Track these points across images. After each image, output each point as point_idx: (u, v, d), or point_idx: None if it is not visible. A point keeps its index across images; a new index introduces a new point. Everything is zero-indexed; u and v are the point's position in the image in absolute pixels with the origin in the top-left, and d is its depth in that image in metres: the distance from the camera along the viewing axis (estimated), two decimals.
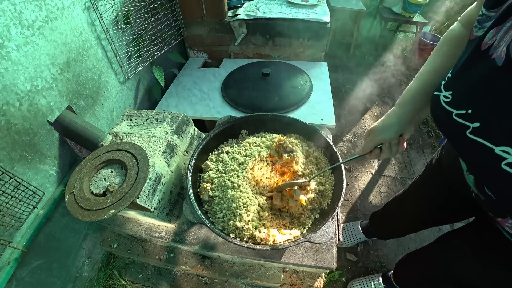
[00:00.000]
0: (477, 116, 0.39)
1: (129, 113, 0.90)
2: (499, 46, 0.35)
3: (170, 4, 1.37)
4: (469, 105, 0.40)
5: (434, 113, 0.48)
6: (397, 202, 1.03)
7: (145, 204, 0.69)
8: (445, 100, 0.44)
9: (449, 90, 0.44)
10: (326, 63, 1.61)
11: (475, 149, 0.39)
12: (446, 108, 0.43)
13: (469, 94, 0.40)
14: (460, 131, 0.41)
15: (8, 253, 0.77)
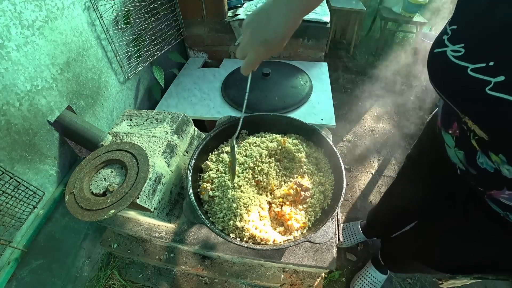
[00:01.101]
0: (501, 68, 0.33)
1: (129, 113, 0.90)
2: None
3: (170, 4, 1.37)
4: (490, 56, 0.34)
5: (438, 73, 0.42)
6: (385, 196, 1.07)
7: (145, 204, 0.69)
8: (454, 54, 0.38)
9: (459, 43, 0.37)
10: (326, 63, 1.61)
11: (497, 106, 0.34)
12: (457, 64, 0.37)
13: (489, 43, 0.34)
14: (477, 88, 0.35)
15: (8, 253, 0.77)
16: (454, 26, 0.39)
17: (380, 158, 1.74)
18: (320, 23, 1.50)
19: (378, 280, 1.15)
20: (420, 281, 1.22)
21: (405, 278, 1.23)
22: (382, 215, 1.13)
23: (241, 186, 0.74)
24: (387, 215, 1.07)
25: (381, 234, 1.23)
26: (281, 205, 0.75)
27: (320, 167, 0.83)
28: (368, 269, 1.18)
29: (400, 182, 0.93)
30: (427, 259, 0.76)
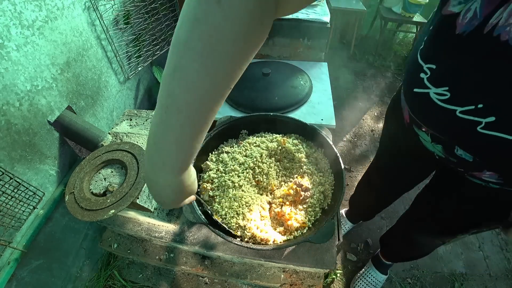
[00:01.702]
0: (490, 110, 0.34)
1: (129, 113, 0.90)
2: (508, 24, 0.29)
3: (170, 4, 1.37)
4: (479, 100, 0.34)
5: (424, 113, 0.42)
6: (364, 179, 1.09)
7: (145, 204, 0.69)
8: (440, 98, 0.38)
9: (442, 86, 0.37)
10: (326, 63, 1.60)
11: (488, 141, 0.36)
12: (444, 107, 0.38)
13: (476, 87, 0.34)
14: (468, 128, 0.36)
15: (8, 253, 0.77)
16: (433, 66, 0.38)
17: None
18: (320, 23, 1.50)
19: (378, 281, 1.15)
20: (420, 281, 1.22)
21: (405, 278, 1.23)
22: (364, 199, 1.16)
23: (242, 185, 0.74)
24: (368, 199, 1.11)
25: (366, 217, 1.28)
26: (281, 205, 0.75)
27: (320, 167, 0.83)
28: (369, 269, 1.18)
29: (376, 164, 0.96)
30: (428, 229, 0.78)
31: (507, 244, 1.34)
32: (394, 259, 1.11)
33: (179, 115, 0.28)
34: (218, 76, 0.27)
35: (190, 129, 0.30)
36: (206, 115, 0.29)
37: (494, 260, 1.29)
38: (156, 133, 0.31)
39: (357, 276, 1.20)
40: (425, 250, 0.94)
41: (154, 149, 0.33)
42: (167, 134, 0.30)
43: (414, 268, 1.26)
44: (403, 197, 1.04)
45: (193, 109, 0.28)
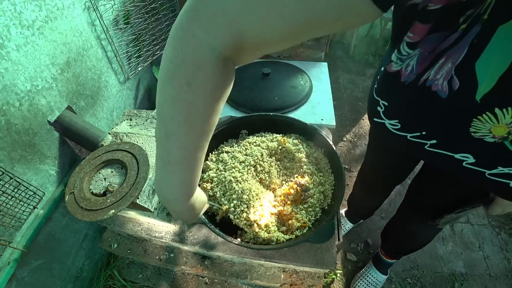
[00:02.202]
0: (432, 135, 0.44)
1: (129, 113, 0.90)
2: (436, 79, 0.37)
3: (170, 4, 1.37)
4: (422, 129, 0.44)
5: (384, 139, 0.52)
6: (359, 178, 1.13)
7: (145, 204, 0.69)
8: (393, 127, 0.48)
9: (394, 119, 0.47)
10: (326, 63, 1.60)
11: (435, 156, 0.46)
12: (398, 134, 0.47)
13: (418, 120, 0.44)
14: (418, 147, 0.46)
15: (8, 253, 0.77)
16: (385, 102, 0.47)
17: None
18: None
19: (379, 281, 1.15)
20: (420, 281, 1.22)
21: (405, 278, 1.23)
22: (359, 197, 1.19)
23: (246, 180, 0.74)
24: (363, 195, 1.14)
25: (364, 215, 1.31)
26: (283, 204, 0.75)
27: (320, 167, 0.83)
28: (369, 269, 1.18)
29: (368, 160, 1.00)
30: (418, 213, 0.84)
31: (507, 244, 1.34)
32: (394, 253, 1.11)
33: (180, 166, 0.37)
34: (201, 130, 0.35)
35: (190, 175, 0.39)
36: (199, 159, 0.38)
37: (494, 260, 1.29)
38: (165, 179, 0.39)
39: (357, 276, 1.20)
40: (423, 240, 0.96)
41: (165, 189, 0.40)
42: (174, 179, 0.38)
43: (414, 268, 1.26)
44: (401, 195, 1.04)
45: (189, 159, 0.37)
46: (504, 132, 0.36)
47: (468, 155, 0.42)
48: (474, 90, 0.34)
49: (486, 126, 0.37)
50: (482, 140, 0.38)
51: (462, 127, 0.39)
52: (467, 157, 0.42)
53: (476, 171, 0.43)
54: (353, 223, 1.34)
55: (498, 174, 0.42)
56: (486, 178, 0.43)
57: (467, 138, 0.39)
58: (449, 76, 0.36)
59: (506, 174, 0.41)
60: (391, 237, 1.10)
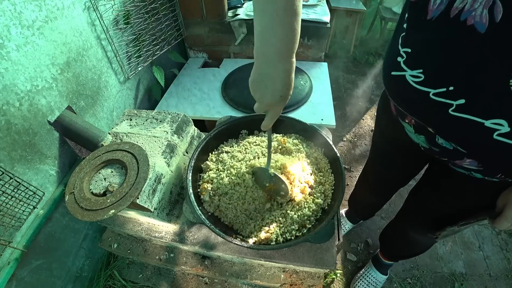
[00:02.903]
0: (461, 92, 0.36)
1: (129, 113, 0.90)
2: (473, 9, 0.31)
3: (170, 4, 1.37)
4: (450, 82, 0.36)
5: (401, 96, 0.44)
6: (361, 178, 1.11)
7: (145, 204, 0.69)
8: (415, 80, 0.39)
9: (417, 68, 0.39)
10: (326, 63, 1.61)
11: (459, 126, 0.38)
12: (419, 89, 0.39)
13: (447, 69, 0.36)
14: (441, 110, 0.38)
15: (8, 253, 0.77)
16: (408, 49, 0.40)
17: None
18: (320, 23, 1.50)
19: (379, 281, 1.15)
20: (420, 281, 1.22)
21: (405, 278, 1.23)
22: (361, 197, 1.17)
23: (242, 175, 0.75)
24: (365, 196, 1.12)
25: (365, 216, 1.30)
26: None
27: (320, 167, 0.83)
28: (369, 269, 1.18)
29: (371, 161, 0.98)
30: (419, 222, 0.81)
31: (507, 244, 1.34)
32: (393, 257, 1.11)
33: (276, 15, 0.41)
34: None
35: (287, 18, 0.41)
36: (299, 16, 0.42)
37: (494, 260, 1.29)
38: (263, 33, 0.43)
39: (357, 276, 1.20)
40: (422, 247, 0.95)
41: (265, 45, 0.44)
42: (273, 29, 0.42)
43: (414, 268, 1.26)
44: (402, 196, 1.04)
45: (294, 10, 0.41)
46: None
47: (502, 121, 0.34)
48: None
49: None
50: None
51: (501, 78, 0.32)
52: (500, 124, 0.34)
53: (509, 147, 0.35)
54: (353, 223, 1.34)
55: None
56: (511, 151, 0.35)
57: (506, 94, 0.32)
58: (490, 1, 0.29)
59: None
60: (389, 242, 1.09)
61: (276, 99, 0.49)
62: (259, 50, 0.45)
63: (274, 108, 0.52)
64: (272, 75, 0.46)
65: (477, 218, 0.60)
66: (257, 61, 0.46)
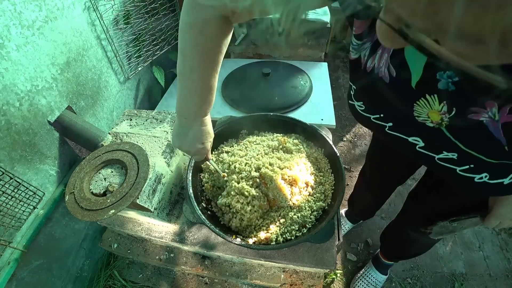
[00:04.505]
0: (388, 118, 0.49)
1: (129, 113, 0.90)
2: (380, 67, 0.43)
3: (170, 4, 1.37)
4: (379, 111, 0.50)
5: (356, 117, 0.57)
6: (360, 178, 1.13)
7: (145, 204, 0.69)
8: (360, 108, 0.54)
9: (360, 101, 0.53)
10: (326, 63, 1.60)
11: (395, 139, 0.51)
12: (364, 115, 0.54)
13: (376, 103, 0.50)
14: (380, 129, 0.52)
15: (8, 253, 0.77)
16: (355, 86, 0.53)
17: None
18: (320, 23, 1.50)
19: (379, 281, 1.15)
20: (420, 281, 1.22)
21: (405, 278, 1.23)
22: (361, 196, 1.19)
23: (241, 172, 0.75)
24: (365, 195, 1.14)
25: (365, 215, 1.32)
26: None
27: (320, 167, 0.83)
28: (369, 269, 1.18)
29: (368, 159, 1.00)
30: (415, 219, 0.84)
31: (507, 244, 1.34)
32: (393, 257, 1.11)
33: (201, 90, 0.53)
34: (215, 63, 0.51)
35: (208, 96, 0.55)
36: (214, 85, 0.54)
37: (494, 260, 1.29)
38: (183, 100, 0.55)
39: (357, 276, 1.20)
40: (422, 248, 0.95)
41: (184, 107, 0.57)
42: (195, 99, 0.55)
43: (414, 268, 1.26)
44: (402, 196, 1.04)
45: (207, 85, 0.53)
46: (438, 118, 0.40)
47: (418, 138, 0.47)
48: (409, 77, 0.39)
49: (424, 110, 0.41)
50: (425, 124, 0.43)
51: (408, 111, 0.43)
52: (417, 140, 0.47)
53: (427, 156, 0.48)
54: (353, 223, 1.34)
55: (444, 159, 0.46)
56: (436, 163, 0.47)
57: (413, 121, 0.44)
58: (387, 64, 0.41)
59: (451, 159, 0.45)
60: (389, 242, 1.10)
61: (194, 149, 0.62)
62: (179, 110, 0.58)
63: (197, 154, 0.65)
64: (188, 130, 0.59)
65: (468, 216, 0.64)
66: (178, 119, 0.59)
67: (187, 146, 0.62)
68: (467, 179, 0.46)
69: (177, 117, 0.59)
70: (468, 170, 0.45)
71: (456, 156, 0.44)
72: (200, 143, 0.61)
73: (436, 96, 0.38)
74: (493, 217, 0.57)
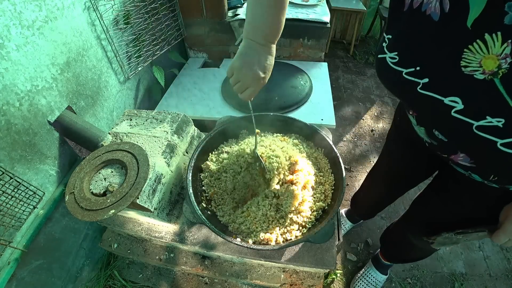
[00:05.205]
0: (425, 72, 0.42)
1: (129, 113, 0.90)
2: (430, 2, 0.37)
3: (170, 4, 1.37)
4: (417, 63, 0.42)
5: (382, 75, 0.50)
6: (370, 177, 1.11)
7: (145, 204, 0.69)
8: (392, 61, 0.46)
9: (394, 51, 0.46)
10: (326, 63, 1.60)
11: (426, 102, 0.43)
12: (395, 69, 0.46)
13: (414, 52, 0.43)
14: (411, 88, 0.44)
15: (8, 253, 0.77)
16: (390, 36, 0.47)
17: None
18: (320, 23, 1.50)
19: (379, 281, 1.15)
20: (420, 281, 1.22)
21: (405, 278, 1.23)
22: (369, 195, 1.17)
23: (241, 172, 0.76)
24: (373, 194, 1.12)
25: (367, 215, 1.30)
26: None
27: (320, 167, 0.83)
28: (369, 269, 1.18)
29: (383, 158, 0.98)
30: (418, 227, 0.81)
31: None
32: (393, 259, 1.11)
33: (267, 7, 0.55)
34: None
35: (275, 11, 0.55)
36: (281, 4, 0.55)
37: (494, 260, 1.29)
38: (254, 21, 0.56)
39: (357, 276, 1.20)
40: (422, 253, 0.94)
41: (255, 30, 0.57)
42: (263, 18, 0.56)
43: (414, 268, 1.26)
44: (403, 197, 1.04)
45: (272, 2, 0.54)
46: (494, 66, 0.34)
47: (457, 99, 0.40)
48: (466, 14, 0.34)
49: (476, 57, 0.35)
50: (472, 77, 0.37)
51: (453, 59, 0.37)
52: (456, 102, 0.40)
53: (463, 123, 0.40)
54: (353, 223, 1.34)
55: (485, 127, 0.38)
56: (473, 134, 0.40)
57: (458, 74, 0.38)
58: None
59: (494, 128, 0.38)
60: (390, 245, 1.09)
61: (256, 75, 0.60)
62: (249, 32, 0.57)
63: (254, 85, 0.62)
64: (258, 55, 0.58)
65: (476, 230, 0.59)
66: (246, 43, 0.58)
67: (249, 70, 0.59)
68: (508, 158, 0.39)
69: (245, 40, 0.58)
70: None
71: (503, 123, 0.36)
72: (263, 71, 0.60)
73: (500, 35, 0.32)
74: (502, 234, 0.52)
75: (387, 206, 1.15)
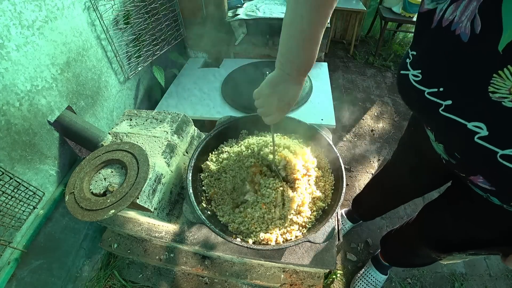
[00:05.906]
0: (449, 94, 0.40)
1: (129, 113, 0.90)
2: (461, 21, 0.35)
3: (170, 4, 1.37)
4: (441, 84, 0.40)
5: (403, 92, 0.49)
6: (376, 180, 1.08)
7: (145, 204, 0.69)
8: (415, 79, 0.44)
9: (417, 69, 0.43)
10: (326, 63, 1.60)
11: (448, 124, 0.41)
12: (417, 87, 0.44)
13: (439, 72, 0.40)
14: (433, 109, 0.42)
15: (8, 253, 0.77)
16: (414, 52, 0.45)
17: (380, 158, 1.73)
18: None
19: (378, 281, 1.15)
20: (420, 281, 1.22)
21: (405, 278, 1.23)
22: (372, 199, 1.14)
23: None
24: (377, 200, 1.10)
25: (368, 217, 1.29)
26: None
27: (320, 167, 0.83)
28: (368, 269, 1.18)
29: (392, 166, 0.95)
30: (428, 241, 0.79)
31: None
32: (393, 263, 1.10)
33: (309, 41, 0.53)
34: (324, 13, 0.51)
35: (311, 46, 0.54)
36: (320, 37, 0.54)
37: (494, 260, 1.29)
38: (289, 54, 0.55)
39: (357, 276, 1.20)
40: (424, 261, 0.92)
41: (289, 64, 0.56)
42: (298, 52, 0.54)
43: (414, 268, 1.26)
44: None
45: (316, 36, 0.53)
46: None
47: (482, 124, 0.37)
48: (498, 36, 0.31)
49: (506, 84, 0.33)
50: (500, 104, 0.34)
51: (481, 84, 0.35)
52: (480, 127, 0.37)
53: (486, 150, 0.38)
54: (353, 223, 1.34)
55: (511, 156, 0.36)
56: (497, 162, 0.38)
57: (485, 99, 0.35)
58: (472, 15, 0.33)
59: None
60: (391, 249, 1.08)
61: (282, 104, 0.60)
62: (282, 64, 0.57)
63: (278, 113, 0.62)
64: (287, 87, 0.59)
65: (489, 251, 0.57)
66: (277, 74, 0.59)
67: (276, 100, 0.60)
68: None
69: (278, 69, 0.58)
70: None
71: None
72: (289, 102, 0.60)
73: None
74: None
75: (390, 210, 1.13)
